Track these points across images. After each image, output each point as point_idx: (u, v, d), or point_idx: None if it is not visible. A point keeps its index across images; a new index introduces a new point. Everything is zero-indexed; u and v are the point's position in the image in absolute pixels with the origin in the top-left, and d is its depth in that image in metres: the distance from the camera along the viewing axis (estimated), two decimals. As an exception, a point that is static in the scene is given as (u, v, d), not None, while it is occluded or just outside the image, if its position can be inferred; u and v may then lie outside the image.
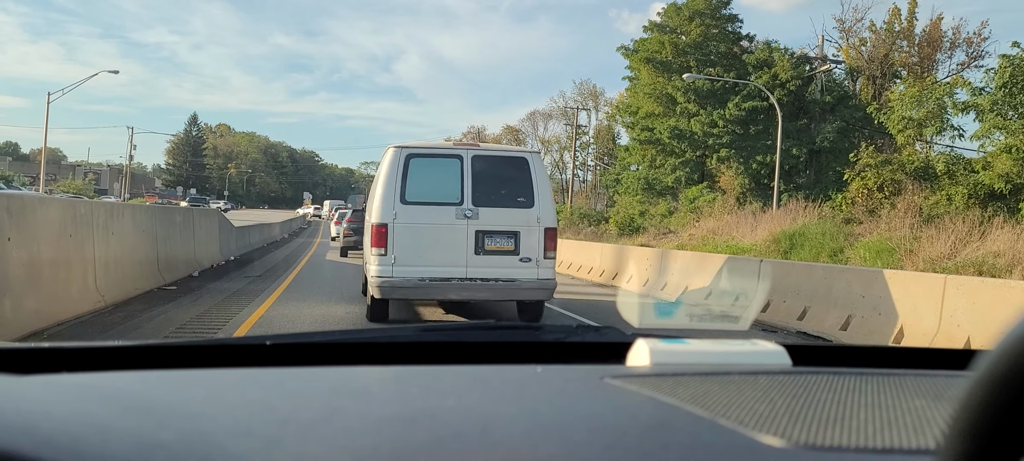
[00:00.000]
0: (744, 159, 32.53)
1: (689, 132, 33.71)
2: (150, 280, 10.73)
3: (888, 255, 16.38)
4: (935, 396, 0.96)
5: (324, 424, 0.80)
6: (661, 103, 35.34)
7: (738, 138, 32.64)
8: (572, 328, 1.46)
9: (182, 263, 12.91)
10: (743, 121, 32.38)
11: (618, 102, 56.26)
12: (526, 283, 8.28)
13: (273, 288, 12.02)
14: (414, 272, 8.09)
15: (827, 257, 17.89)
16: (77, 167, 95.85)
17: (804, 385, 0.98)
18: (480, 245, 8.20)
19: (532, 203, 8.31)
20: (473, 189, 8.22)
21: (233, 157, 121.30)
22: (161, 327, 7.81)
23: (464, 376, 1.09)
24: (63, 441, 0.69)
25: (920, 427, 0.81)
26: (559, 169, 66.77)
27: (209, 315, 8.71)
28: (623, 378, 1.00)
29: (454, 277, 8.15)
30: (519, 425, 0.85)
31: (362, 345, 1.28)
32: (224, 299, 10.28)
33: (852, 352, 1.44)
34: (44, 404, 0.81)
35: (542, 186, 8.43)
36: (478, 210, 8.20)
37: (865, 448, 0.75)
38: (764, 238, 22.23)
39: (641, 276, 15.14)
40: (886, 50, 31.99)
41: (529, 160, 8.54)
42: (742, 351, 1.15)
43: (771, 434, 0.76)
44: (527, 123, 69.01)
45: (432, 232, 8.14)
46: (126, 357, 1.10)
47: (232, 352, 1.20)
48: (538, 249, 8.29)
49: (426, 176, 8.25)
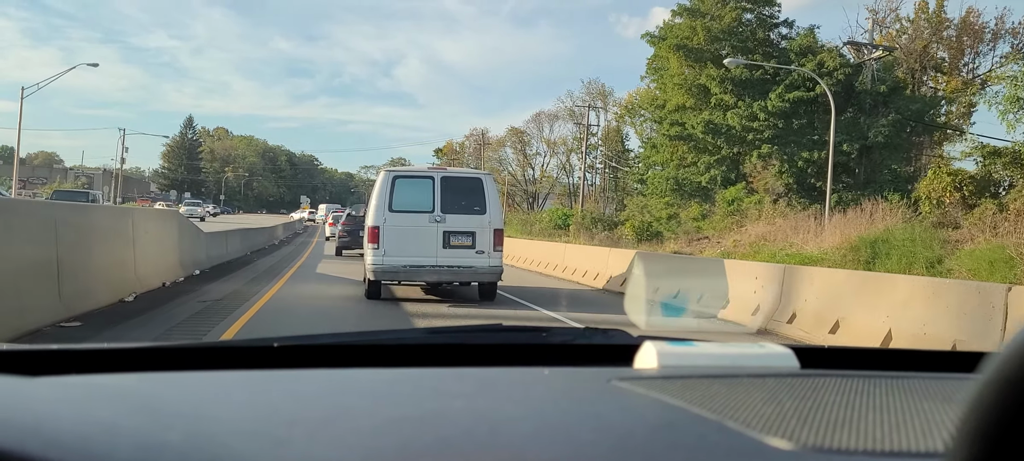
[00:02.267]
0: (788, 156, 29.09)
1: (725, 126, 30.31)
2: (41, 313, 7.16)
3: (1006, 267, 13.31)
4: (944, 399, 0.95)
5: (331, 425, 0.80)
6: (693, 95, 32.18)
7: (781, 133, 29.30)
8: (579, 331, 1.46)
9: (106, 284, 9.11)
10: (786, 114, 29.17)
11: (627, 102, 54.00)
12: (481, 269, 11.20)
13: (227, 324, 8.46)
14: (399, 261, 10.90)
15: (923, 269, 14.70)
16: (69, 170, 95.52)
17: (812, 387, 0.98)
18: (447, 241, 11.05)
19: (485, 211, 11.18)
20: (442, 201, 11.05)
21: (230, 161, 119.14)
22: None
23: (471, 378, 1.09)
24: (71, 442, 0.69)
25: (929, 430, 0.81)
26: (565, 172, 64.51)
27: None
28: (630, 380, 1.00)
29: (428, 264, 10.99)
30: (526, 427, 0.85)
31: (369, 347, 1.29)
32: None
33: (860, 354, 1.43)
34: (52, 405, 0.82)
35: (492, 199, 11.35)
36: (445, 216, 11.05)
37: (873, 451, 0.74)
38: (835, 245, 18.89)
39: (744, 297, 10.54)
40: (925, 42, 30.24)
41: (483, 180, 11.61)
42: (749, 353, 1.15)
43: (779, 436, 0.76)
44: (532, 124, 66.36)
45: (412, 232, 10.93)
46: (133, 359, 1.11)
47: (239, 354, 1.21)
48: (489, 244, 11.13)
49: (408, 192, 11.13)
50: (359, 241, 20.94)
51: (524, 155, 67.09)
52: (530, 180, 66.98)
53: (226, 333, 7.91)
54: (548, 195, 65.57)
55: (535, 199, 65.53)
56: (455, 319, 9.58)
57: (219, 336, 7.65)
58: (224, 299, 10.60)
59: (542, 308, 11.34)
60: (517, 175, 66.90)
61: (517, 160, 67.70)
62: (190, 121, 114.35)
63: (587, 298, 13.60)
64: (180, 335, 7.65)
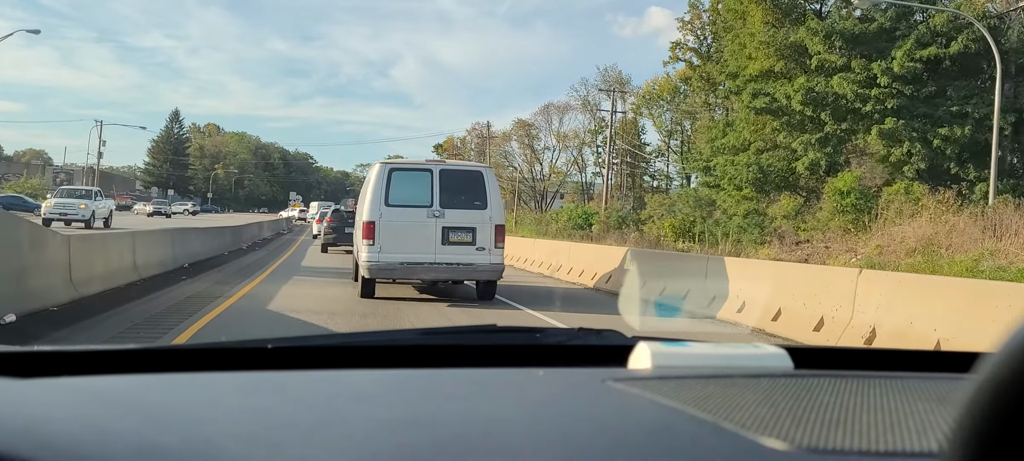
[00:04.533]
0: (919, 133, 22.20)
1: (831, 95, 23.30)
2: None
3: None
4: (939, 399, 0.95)
5: (326, 428, 0.80)
6: (783, 56, 25.17)
7: (907, 103, 22.47)
8: (574, 331, 1.46)
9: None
10: (917, 78, 22.23)
11: (645, 92, 50.41)
12: (481, 266, 10.61)
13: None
14: (395, 257, 10.29)
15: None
16: (47, 167, 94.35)
17: (806, 388, 0.98)
18: (445, 238, 10.46)
19: (486, 206, 10.59)
20: (440, 195, 10.46)
21: (221, 158, 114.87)
22: None
23: (466, 379, 1.09)
24: (64, 444, 0.69)
25: (924, 430, 0.81)
26: (578, 167, 60.66)
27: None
28: (625, 381, 1.00)
29: (425, 261, 10.42)
30: (521, 428, 0.85)
31: (363, 348, 1.28)
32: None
33: (854, 355, 1.43)
34: (45, 408, 0.81)
35: (493, 193, 10.77)
36: (444, 211, 10.45)
37: (868, 451, 0.75)
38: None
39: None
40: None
41: (483, 173, 11.02)
42: (744, 354, 1.15)
43: (773, 437, 0.76)
44: (540, 117, 61.87)
45: (409, 227, 10.34)
46: (127, 361, 1.10)
47: (233, 355, 1.20)
48: (490, 241, 10.53)
49: (405, 185, 10.53)
50: (345, 237, 19.76)
51: (532, 150, 63.24)
52: (538, 177, 63.12)
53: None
54: (557, 193, 62.56)
55: (543, 197, 62.14)
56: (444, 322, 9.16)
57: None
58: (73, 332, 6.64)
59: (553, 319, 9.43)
60: (524, 171, 63.11)
61: (524, 155, 64.01)
62: (176, 115, 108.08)
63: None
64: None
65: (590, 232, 34.17)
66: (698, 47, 41.40)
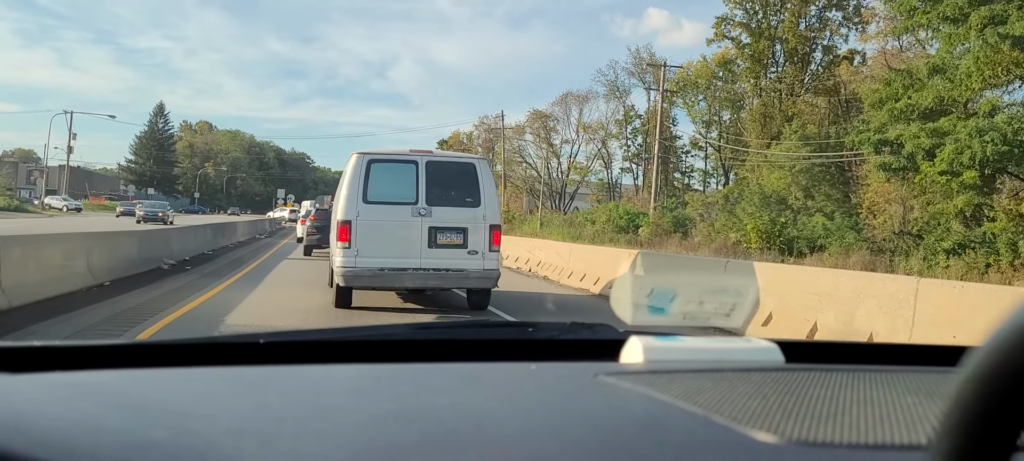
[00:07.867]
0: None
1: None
2: None
3: None
4: (927, 393, 0.96)
5: (318, 422, 0.80)
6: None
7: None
8: (566, 325, 1.46)
9: None
10: None
11: (679, 77, 43.88)
12: (473, 273, 9.31)
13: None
14: (375, 263, 9.03)
15: None
16: (29, 165, 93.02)
17: (797, 382, 0.98)
18: (433, 239, 9.22)
19: (479, 203, 9.36)
20: (427, 191, 9.24)
21: (212, 156, 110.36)
22: None
23: (458, 374, 1.09)
24: (56, 440, 0.68)
25: (912, 423, 0.82)
26: (602, 162, 54.32)
27: None
28: (617, 375, 1.01)
29: (410, 267, 9.15)
30: (513, 422, 0.85)
31: (355, 343, 1.28)
32: None
33: (844, 349, 1.44)
34: (37, 403, 0.81)
35: (488, 188, 9.49)
36: (431, 209, 9.23)
37: (858, 444, 0.75)
38: None
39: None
40: None
41: (477, 165, 9.66)
42: (735, 348, 1.15)
43: (764, 430, 0.77)
44: (558, 107, 55.58)
45: (391, 228, 9.12)
46: (119, 356, 1.10)
47: (225, 350, 1.20)
48: (484, 243, 9.31)
49: (385, 179, 9.29)
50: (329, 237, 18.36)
51: (549, 144, 56.53)
52: (555, 173, 57.04)
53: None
54: (577, 190, 56.57)
55: (561, 196, 56.25)
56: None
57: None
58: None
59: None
60: (539, 167, 56.88)
61: (540, 150, 57.31)
62: (161, 109, 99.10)
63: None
64: None
65: (637, 236, 29.95)
66: (748, 22, 37.04)
